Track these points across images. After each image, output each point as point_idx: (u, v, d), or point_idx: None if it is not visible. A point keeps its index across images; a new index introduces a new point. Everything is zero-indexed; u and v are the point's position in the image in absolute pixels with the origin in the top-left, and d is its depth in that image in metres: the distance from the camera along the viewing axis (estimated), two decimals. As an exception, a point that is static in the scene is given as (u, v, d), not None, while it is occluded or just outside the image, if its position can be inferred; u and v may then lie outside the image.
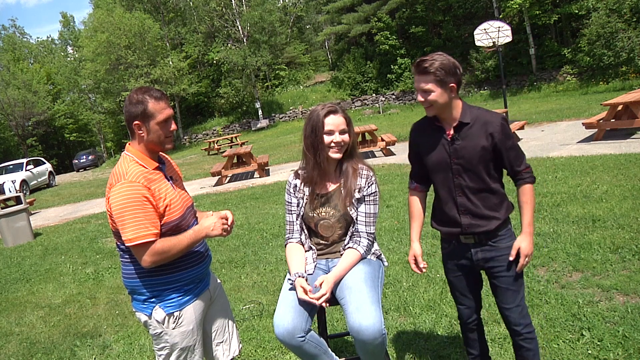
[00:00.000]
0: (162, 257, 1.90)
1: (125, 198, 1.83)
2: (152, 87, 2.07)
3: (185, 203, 2.08)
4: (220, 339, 2.25)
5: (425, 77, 2.02)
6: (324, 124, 2.18)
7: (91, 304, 4.82)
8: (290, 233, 2.34)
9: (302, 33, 42.25)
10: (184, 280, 2.02)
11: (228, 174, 11.83)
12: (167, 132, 1.98)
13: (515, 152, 2.11)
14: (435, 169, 2.19)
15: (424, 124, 2.25)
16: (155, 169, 1.99)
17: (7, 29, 47.88)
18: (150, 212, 1.87)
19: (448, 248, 2.30)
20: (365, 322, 1.95)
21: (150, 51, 30.17)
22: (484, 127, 2.07)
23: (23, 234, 8.70)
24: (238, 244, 5.94)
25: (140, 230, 1.83)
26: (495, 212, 2.13)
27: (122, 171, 1.90)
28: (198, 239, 1.99)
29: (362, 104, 29.47)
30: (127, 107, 1.94)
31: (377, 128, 12.18)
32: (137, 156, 1.96)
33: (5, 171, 19.53)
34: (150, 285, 1.99)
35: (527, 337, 2.19)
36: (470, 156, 2.08)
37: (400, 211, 6.01)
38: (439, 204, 2.25)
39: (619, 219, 4.45)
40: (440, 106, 2.06)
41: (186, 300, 2.03)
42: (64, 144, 46.81)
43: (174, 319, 2.00)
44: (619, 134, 8.74)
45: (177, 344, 2.03)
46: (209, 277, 2.22)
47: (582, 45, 20.21)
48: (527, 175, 2.12)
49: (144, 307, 2.02)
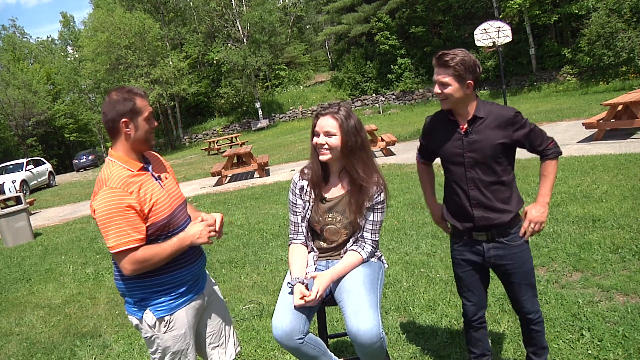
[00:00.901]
0: (143, 266, 1.87)
1: (107, 206, 1.81)
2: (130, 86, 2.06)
3: (175, 202, 2.04)
4: (216, 342, 2.22)
5: (444, 70, 2.06)
6: (314, 125, 2.20)
7: (91, 304, 4.82)
8: (295, 234, 2.31)
9: (302, 33, 42.26)
10: (174, 283, 1.99)
11: (228, 174, 11.83)
12: (151, 129, 1.98)
13: (533, 135, 2.13)
14: (448, 162, 2.22)
15: (439, 117, 2.27)
16: (140, 169, 1.96)
17: (7, 29, 47.91)
18: (133, 218, 1.84)
19: (459, 243, 2.30)
20: (363, 326, 1.94)
21: (150, 51, 30.18)
22: (497, 120, 2.10)
23: (23, 234, 8.70)
24: (238, 244, 5.94)
25: (122, 237, 1.82)
26: (507, 204, 2.15)
27: (104, 177, 1.88)
28: (182, 247, 1.94)
29: (362, 104, 29.47)
30: (112, 106, 1.90)
31: (377, 128, 12.18)
32: (120, 160, 1.94)
33: (5, 171, 19.53)
34: (139, 288, 1.96)
35: (538, 321, 2.30)
36: (483, 150, 2.10)
37: (400, 211, 6.01)
38: (451, 197, 2.27)
39: (619, 219, 4.45)
40: (455, 100, 2.09)
41: (178, 304, 2.00)
42: (64, 144, 46.79)
43: (165, 323, 1.98)
44: (619, 134, 8.73)
45: (169, 348, 2.01)
46: (204, 280, 2.17)
47: (582, 45, 20.20)
48: (550, 152, 2.15)
49: (134, 310, 2.00)
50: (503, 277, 2.28)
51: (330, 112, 2.16)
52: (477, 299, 2.33)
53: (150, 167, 2.03)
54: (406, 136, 13.78)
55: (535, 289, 2.28)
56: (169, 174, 2.14)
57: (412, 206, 6.12)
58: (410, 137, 13.64)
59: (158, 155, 2.19)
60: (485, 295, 2.37)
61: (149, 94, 29.35)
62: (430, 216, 2.34)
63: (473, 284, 2.31)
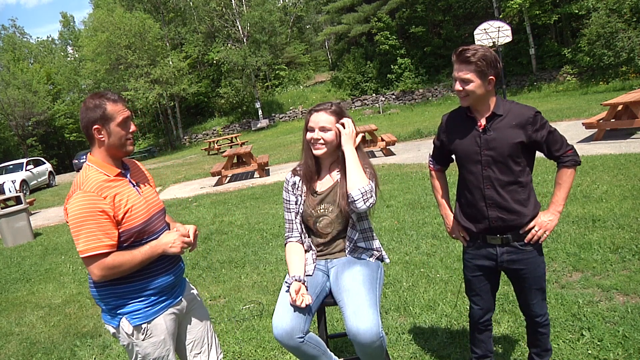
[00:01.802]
0: (112, 272, 1.84)
1: (79, 209, 1.80)
2: (107, 91, 2.06)
3: (152, 209, 2.02)
4: (198, 350, 2.19)
5: (466, 66, 2.01)
6: (308, 120, 2.25)
7: (91, 304, 4.81)
8: (290, 232, 2.34)
9: (302, 33, 42.27)
10: (148, 290, 1.94)
11: (228, 174, 11.83)
12: (127, 134, 1.95)
13: (552, 138, 2.08)
14: (464, 160, 2.18)
15: (456, 115, 2.24)
16: (117, 175, 1.94)
17: (7, 29, 47.96)
18: (105, 223, 1.82)
19: (472, 246, 2.27)
20: (362, 326, 1.95)
21: (151, 51, 30.21)
22: (516, 119, 2.05)
23: (23, 234, 8.70)
24: (238, 244, 5.94)
25: (92, 242, 1.80)
26: (523, 206, 2.11)
27: (79, 181, 1.88)
28: (154, 255, 1.91)
29: (362, 104, 29.48)
30: (85, 113, 1.90)
31: (377, 128, 12.17)
32: (97, 165, 1.93)
33: (5, 171, 19.51)
34: (112, 296, 1.92)
35: (545, 324, 2.30)
36: (501, 148, 2.06)
37: (400, 211, 6.00)
38: (465, 197, 2.23)
39: (619, 219, 4.45)
40: (476, 97, 2.05)
41: (154, 312, 1.96)
42: (64, 144, 46.80)
43: (142, 330, 1.94)
44: (619, 134, 8.73)
45: (150, 355, 1.98)
46: (182, 287, 2.14)
47: (582, 45, 20.21)
48: (567, 159, 2.10)
49: (109, 318, 1.97)
50: (514, 280, 2.26)
51: (324, 108, 2.23)
52: (485, 303, 2.32)
53: (128, 174, 2.03)
54: (406, 136, 13.78)
55: (545, 293, 2.26)
56: (148, 181, 2.13)
57: (412, 206, 6.12)
58: (410, 137, 13.64)
59: (138, 164, 2.19)
60: (493, 300, 2.35)
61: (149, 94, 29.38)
62: (430, 216, 2.36)
63: (482, 288, 2.29)
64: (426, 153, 10.51)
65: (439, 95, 26.92)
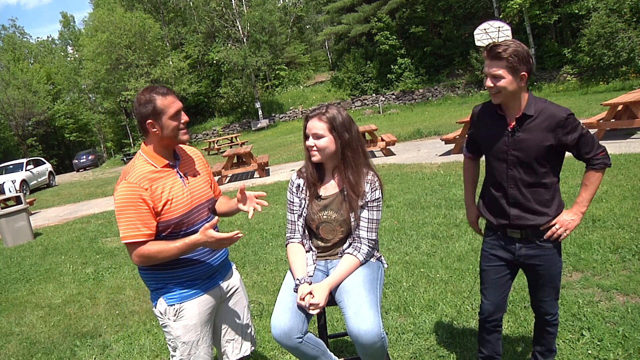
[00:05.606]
0: (147, 260, 1.96)
1: (122, 198, 1.91)
2: (157, 85, 2.10)
3: (195, 200, 2.06)
4: (231, 336, 2.26)
5: (497, 62, 1.97)
6: (304, 127, 2.23)
7: (91, 304, 4.82)
8: (292, 233, 2.32)
9: (302, 33, 42.26)
10: (186, 277, 2.05)
11: (228, 174, 11.83)
12: (179, 125, 2.01)
13: (583, 141, 2.03)
14: (491, 157, 2.17)
15: (487, 110, 2.20)
16: (164, 166, 2.02)
17: (7, 29, 47.97)
18: (144, 212, 1.91)
19: (492, 237, 2.27)
20: (364, 327, 1.94)
21: (151, 51, 30.19)
22: (547, 120, 2.00)
23: (23, 234, 8.71)
24: (238, 244, 5.94)
25: (130, 230, 1.90)
26: (546, 207, 2.10)
27: (127, 170, 1.99)
28: (190, 249, 1.96)
29: (362, 104, 29.46)
30: (137, 110, 1.98)
31: (377, 128, 12.17)
32: (147, 155, 2.02)
33: (5, 171, 19.53)
34: (153, 279, 2.06)
35: (554, 323, 2.31)
36: (528, 149, 2.03)
37: (400, 211, 6.00)
38: (489, 192, 2.22)
39: (619, 219, 4.45)
40: (508, 94, 2.01)
41: (189, 295, 2.06)
42: (64, 144, 46.82)
43: (174, 311, 2.04)
44: (619, 134, 8.73)
45: (180, 337, 2.06)
46: (223, 274, 2.22)
47: (582, 45, 20.20)
48: (597, 162, 2.06)
49: (153, 297, 2.11)
50: (530, 275, 2.26)
51: (318, 114, 2.17)
52: (496, 299, 2.29)
53: (177, 164, 2.08)
54: (406, 136, 13.78)
55: (558, 292, 2.25)
56: (199, 172, 2.17)
57: (412, 206, 6.11)
58: (410, 137, 13.64)
59: (194, 152, 2.23)
60: (505, 298, 2.32)
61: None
62: (430, 216, 2.36)
63: (495, 281, 2.27)
64: (426, 153, 10.52)
65: (439, 95, 26.92)
